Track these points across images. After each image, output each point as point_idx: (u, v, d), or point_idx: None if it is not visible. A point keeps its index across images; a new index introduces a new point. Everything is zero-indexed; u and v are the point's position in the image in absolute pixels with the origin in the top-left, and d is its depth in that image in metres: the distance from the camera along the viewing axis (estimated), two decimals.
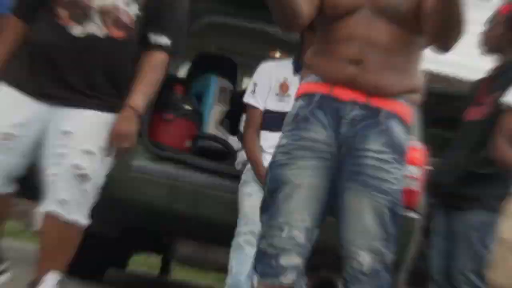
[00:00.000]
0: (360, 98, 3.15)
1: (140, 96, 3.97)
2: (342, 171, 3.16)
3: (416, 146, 5.41)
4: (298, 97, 3.32)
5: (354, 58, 3.16)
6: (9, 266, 4.23)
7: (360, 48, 3.16)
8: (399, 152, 3.19)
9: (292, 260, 3.12)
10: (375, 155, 3.18)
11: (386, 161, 3.17)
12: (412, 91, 3.25)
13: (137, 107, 3.95)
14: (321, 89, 3.26)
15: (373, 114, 3.15)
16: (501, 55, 5.01)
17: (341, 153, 3.16)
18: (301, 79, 3.76)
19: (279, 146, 3.27)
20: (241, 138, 5.62)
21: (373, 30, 3.17)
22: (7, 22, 4.19)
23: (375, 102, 3.17)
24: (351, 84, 3.17)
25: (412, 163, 5.19)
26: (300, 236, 3.15)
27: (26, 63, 4.02)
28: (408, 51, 3.27)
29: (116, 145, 4.00)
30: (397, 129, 3.20)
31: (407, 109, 3.26)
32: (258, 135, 5.16)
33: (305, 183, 3.19)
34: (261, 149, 5.09)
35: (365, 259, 3.14)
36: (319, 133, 3.21)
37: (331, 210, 3.24)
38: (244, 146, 5.29)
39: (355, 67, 3.13)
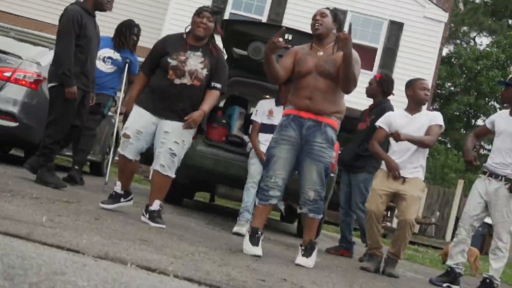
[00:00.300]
0: (312, 116, 5.04)
1: (206, 107, 5.47)
2: (302, 151, 5.08)
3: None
4: (283, 115, 5.25)
5: (308, 96, 5.05)
6: (133, 196, 5.86)
7: (311, 92, 5.15)
8: (330, 144, 5.11)
9: (275, 193, 5.05)
10: (318, 144, 5.02)
11: (324, 148, 5.05)
12: (337, 113, 5.15)
13: (204, 110, 5.47)
14: (294, 112, 5.13)
15: (318, 124, 5.03)
16: (375, 99, 7.50)
17: (302, 143, 5.08)
18: (284, 107, 6.07)
19: (272, 138, 5.24)
20: (249, 136, 7.99)
21: (317, 82, 5.06)
22: (138, 76, 5.81)
23: (319, 118, 5.03)
24: (307, 109, 5.07)
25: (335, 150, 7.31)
26: (279, 181, 5.07)
27: (149, 95, 5.44)
28: (335, 92, 5.12)
29: (190, 126, 5.41)
30: (330, 132, 5.07)
31: (335, 122, 5.13)
32: (257, 135, 7.47)
33: (282, 156, 5.10)
34: (259, 142, 7.35)
35: (310, 194, 5.14)
36: (291, 133, 5.09)
37: (296, 169, 5.23)
38: (251, 140, 7.59)
39: (309, 101, 5.06)
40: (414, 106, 6.36)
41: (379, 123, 6.43)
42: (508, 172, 6.10)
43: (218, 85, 5.53)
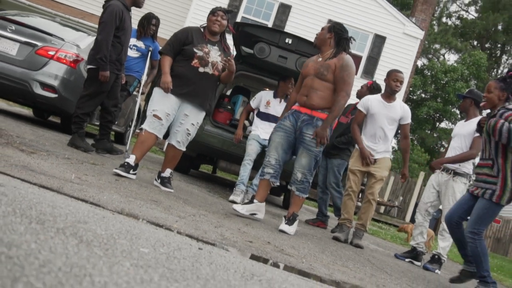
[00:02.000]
0: (308, 112, 5.13)
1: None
2: (297, 140, 5.18)
3: None
4: (289, 110, 5.43)
5: (305, 94, 5.26)
6: (149, 164, 6.52)
7: (308, 91, 5.29)
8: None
9: (268, 170, 5.21)
10: (309, 136, 5.09)
11: (314, 139, 5.20)
12: (329, 108, 5.10)
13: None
14: (296, 107, 5.26)
15: (311, 118, 5.10)
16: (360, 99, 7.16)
17: (296, 133, 5.17)
18: (280, 100, 6.79)
19: (275, 127, 5.46)
20: (249, 121, 8.23)
21: (313, 83, 5.25)
22: (162, 58, 5.44)
23: (313, 113, 5.20)
24: (304, 105, 5.17)
25: None
26: (272, 161, 5.22)
27: (174, 81, 5.27)
28: (329, 91, 5.13)
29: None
30: (320, 124, 5.18)
31: (324, 115, 5.08)
32: (247, 113, 7.76)
33: (276, 140, 5.24)
34: (248, 123, 7.81)
35: (298, 175, 5.26)
36: (287, 123, 5.33)
37: (294, 154, 5.37)
38: (240, 117, 7.77)
39: (306, 98, 5.26)
40: (388, 94, 6.44)
41: (358, 106, 6.52)
42: (456, 166, 6.14)
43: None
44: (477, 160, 5.25)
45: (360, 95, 7.43)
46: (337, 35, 5.26)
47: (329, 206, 8.00)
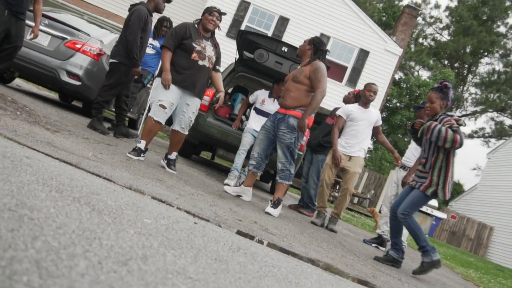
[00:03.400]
0: (282, 111, 5.30)
1: (222, 88, 5.67)
2: (275, 136, 5.34)
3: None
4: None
5: (283, 96, 5.40)
6: (156, 148, 6.54)
7: (284, 93, 5.39)
8: (291, 129, 5.18)
9: (252, 162, 5.47)
10: (281, 131, 5.26)
11: (285, 133, 5.26)
12: (302, 106, 5.18)
13: (223, 90, 5.65)
14: (278, 110, 5.44)
15: (284, 116, 5.28)
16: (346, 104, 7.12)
17: (275, 130, 5.35)
18: (274, 99, 6.73)
19: (261, 127, 5.54)
20: (246, 116, 8.17)
21: (289, 86, 5.35)
22: (164, 51, 5.27)
23: (286, 112, 5.28)
24: (281, 106, 5.40)
25: (304, 134, 7.03)
26: (255, 154, 5.44)
27: (177, 73, 5.23)
28: (301, 92, 5.24)
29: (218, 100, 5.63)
30: (291, 121, 5.21)
31: (299, 113, 5.23)
32: (245, 107, 7.81)
33: (259, 137, 5.49)
34: (245, 117, 7.82)
35: (279, 165, 5.37)
36: (268, 123, 5.48)
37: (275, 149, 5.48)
38: (239, 114, 7.87)
39: (282, 99, 5.39)
40: (363, 102, 6.48)
41: (339, 112, 6.55)
42: (411, 164, 6.12)
43: (220, 69, 5.67)
44: None
45: (346, 101, 7.43)
46: (315, 47, 5.36)
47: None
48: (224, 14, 5.50)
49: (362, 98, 6.52)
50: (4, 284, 1.08)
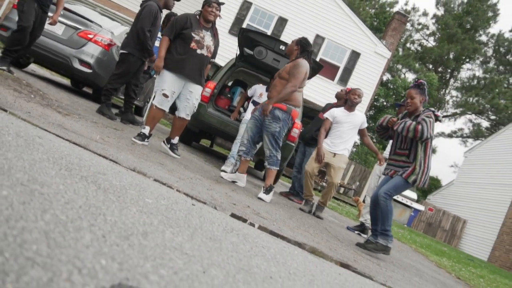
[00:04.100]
0: (278, 108, 5.30)
1: (206, 74, 5.49)
2: (262, 126, 5.41)
3: (298, 123, 7.68)
4: None
5: (270, 90, 5.42)
6: (159, 134, 6.61)
7: (271, 88, 5.41)
8: (276, 119, 5.27)
9: (241, 148, 5.44)
10: (267, 120, 5.31)
11: (270, 122, 5.30)
12: (287, 100, 5.30)
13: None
14: None
15: (272, 109, 5.26)
16: (339, 101, 7.26)
17: (262, 120, 5.42)
18: None
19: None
20: (243, 108, 8.13)
21: (276, 81, 5.38)
22: (162, 39, 5.21)
23: (279, 107, 5.25)
24: (269, 99, 5.36)
25: (296, 127, 7.61)
26: (244, 141, 5.43)
27: (177, 62, 5.14)
28: (282, 86, 5.24)
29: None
30: (276, 112, 5.27)
31: (283, 105, 5.29)
32: (244, 99, 7.79)
33: (248, 126, 5.47)
34: (243, 109, 7.83)
35: (266, 152, 5.39)
36: (256, 113, 5.47)
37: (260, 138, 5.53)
38: (237, 105, 7.85)
39: (270, 93, 5.40)
40: (349, 106, 6.51)
41: (326, 115, 6.56)
42: None
43: (213, 60, 5.55)
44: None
45: (338, 97, 7.43)
46: (302, 47, 5.37)
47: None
48: (222, 3, 5.41)
49: (348, 102, 6.55)
50: (15, 251, 1.09)
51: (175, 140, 5.41)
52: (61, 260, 1.15)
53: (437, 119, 4.51)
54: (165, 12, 8.54)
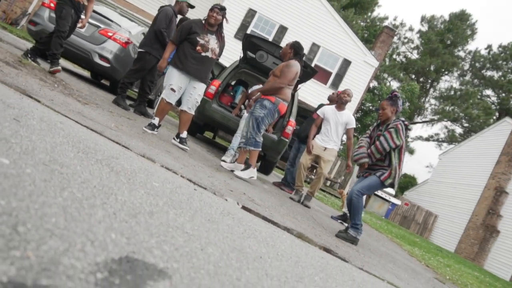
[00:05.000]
0: (262, 97, 5.29)
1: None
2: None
3: (292, 121, 7.67)
4: None
5: (264, 86, 5.39)
6: (167, 125, 6.53)
7: (266, 82, 5.37)
8: (263, 107, 5.24)
9: (242, 140, 5.35)
10: (256, 106, 5.30)
11: (257, 108, 5.27)
12: (276, 94, 5.25)
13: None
14: None
15: (262, 99, 5.30)
16: (331, 103, 7.27)
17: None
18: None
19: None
20: (244, 105, 7.96)
21: (270, 78, 5.34)
22: (169, 44, 5.28)
23: (264, 97, 5.27)
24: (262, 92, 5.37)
25: (290, 125, 7.58)
26: (244, 133, 5.33)
27: (184, 62, 5.14)
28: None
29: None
30: (265, 102, 5.24)
31: (272, 97, 5.24)
32: (245, 98, 7.69)
33: (247, 121, 5.33)
34: (244, 106, 7.69)
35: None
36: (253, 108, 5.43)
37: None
38: (239, 103, 7.84)
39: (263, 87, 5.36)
40: (339, 104, 6.50)
41: (318, 112, 6.58)
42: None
43: (218, 59, 5.47)
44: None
45: (330, 99, 7.43)
46: (295, 50, 5.36)
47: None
48: (224, 8, 5.31)
49: (338, 100, 6.55)
50: (36, 223, 1.10)
51: (184, 134, 5.33)
52: (76, 232, 1.16)
53: (406, 127, 4.50)
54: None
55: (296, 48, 5.37)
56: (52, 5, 7.37)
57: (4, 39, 7.85)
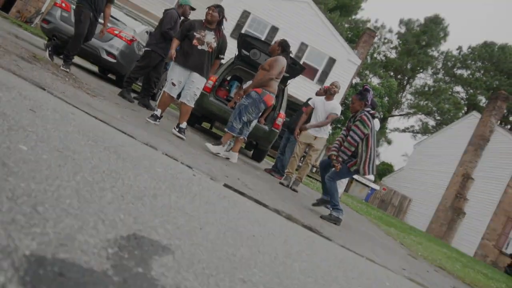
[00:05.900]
0: (251, 89, 5.23)
1: (213, 71, 5.32)
2: None
3: (282, 113, 7.64)
4: None
5: (253, 79, 5.38)
6: (169, 116, 6.46)
7: (255, 76, 5.32)
8: (250, 98, 5.19)
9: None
10: (243, 97, 5.31)
11: (245, 99, 5.23)
12: (262, 86, 5.20)
13: (213, 73, 5.36)
14: None
15: (250, 93, 5.23)
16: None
17: None
18: None
19: None
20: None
21: (258, 72, 5.29)
22: (173, 40, 5.13)
23: (253, 89, 5.21)
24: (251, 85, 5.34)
25: (280, 117, 7.58)
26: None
27: (183, 57, 5.04)
28: (262, 76, 5.22)
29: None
30: (252, 93, 5.19)
31: (259, 89, 5.18)
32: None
33: None
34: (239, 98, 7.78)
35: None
36: None
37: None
38: (234, 97, 7.47)
39: (253, 80, 5.29)
40: (329, 95, 6.47)
41: (309, 102, 6.60)
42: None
43: (222, 56, 5.31)
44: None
45: (318, 94, 7.36)
46: (283, 48, 5.35)
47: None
48: (220, 7, 5.20)
49: (328, 91, 6.53)
50: (53, 203, 1.11)
51: (183, 125, 5.24)
52: (89, 212, 1.17)
53: (373, 116, 4.53)
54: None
55: (283, 45, 5.36)
56: (63, 5, 7.28)
57: (19, 36, 7.74)
